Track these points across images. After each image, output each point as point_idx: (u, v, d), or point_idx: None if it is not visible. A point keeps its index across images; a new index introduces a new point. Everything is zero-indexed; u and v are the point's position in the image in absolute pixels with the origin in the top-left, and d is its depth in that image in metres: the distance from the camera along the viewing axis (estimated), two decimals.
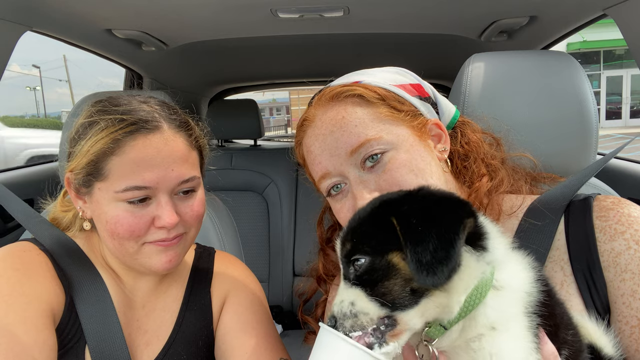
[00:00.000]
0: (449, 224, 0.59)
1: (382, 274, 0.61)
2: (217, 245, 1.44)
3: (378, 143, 0.84)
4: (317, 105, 0.93)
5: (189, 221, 0.96)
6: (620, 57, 23.02)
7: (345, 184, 0.88)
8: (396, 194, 0.70)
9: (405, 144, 0.86)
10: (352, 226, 0.69)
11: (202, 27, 1.97)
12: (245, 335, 1.01)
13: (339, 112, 0.88)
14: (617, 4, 1.44)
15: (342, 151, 0.86)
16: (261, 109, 3.17)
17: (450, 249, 0.57)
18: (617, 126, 22.97)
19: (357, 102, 0.88)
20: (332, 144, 0.86)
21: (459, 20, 1.94)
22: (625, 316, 0.77)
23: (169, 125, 0.93)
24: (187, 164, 0.94)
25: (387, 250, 0.61)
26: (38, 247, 0.94)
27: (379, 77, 0.93)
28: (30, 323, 0.81)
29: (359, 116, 0.86)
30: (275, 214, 2.83)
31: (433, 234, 0.58)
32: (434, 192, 0.68)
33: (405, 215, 0.61)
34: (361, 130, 0.85)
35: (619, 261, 0.78)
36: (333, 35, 2.15)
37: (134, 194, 0.88)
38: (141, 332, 0.99)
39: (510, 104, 1.12)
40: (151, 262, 0.92)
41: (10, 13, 1.46)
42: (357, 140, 0.84)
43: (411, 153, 0.85)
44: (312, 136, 0.91)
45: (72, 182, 0.94)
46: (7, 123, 9.12)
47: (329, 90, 0.92)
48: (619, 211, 0.82)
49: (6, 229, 1.95)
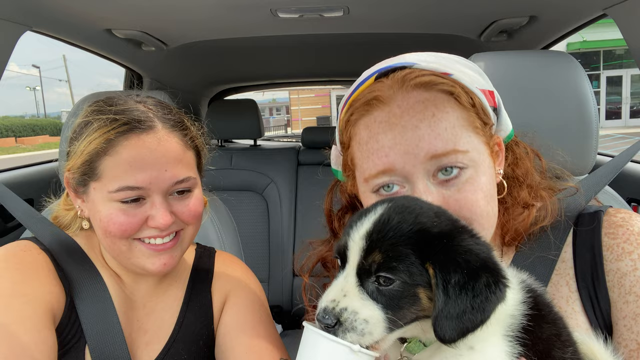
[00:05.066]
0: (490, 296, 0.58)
1: (408, 302, 0.60)
2: (217, 245, 1.44)
3: (463, 157, 0.74)
4: (396, 86, 0.77)
5: (185, 219, 0.95)
6: (620, 57, 23.02)
7: (404, 187, 0.77)
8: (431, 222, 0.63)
9: (484, 164, 0.77)
10: (387, 236, 0.62)
11: (202, 27, 1.97)
12: (245, 335, 1.01)
13: (428, 106, 0.74)
14: (617, 4, 1.44)
15: (422, 152, 0.73)
16: (261, 109, 3.18)
17: (478, 316, 0.57)
18: (617, 126, 22.98)
19: (447, 99, 0.75)
20: (413, 141, 0.73)
21: (459, 20, 1.94)
22: (626, 339, 0.76)
23: (163, 125, 0.93)
24: (182, 165, 0.94)
25: (419, 283, 0.60)
26: (38, 247, 0.94)
27: (467, 74, 0.80)
28: (30, 323, 0.81)
29: (450, 119, 0.74)
30: (275, 214, 2.83)
31: (469, 301, 0.57)
32: (473, 248, 0.61)
33: (445, 270, 0.59)
34: (450, 137, 0.73)
35: (624, 282, 0.77)
36: (333, 35, 2.15)
37: (127, 194, 0.88)
38: (141, 332, 0.99)
39: (510, 103, 1.11)
40: (145, 264, 0.92)
41: (10, 13, 1.46)
42: (444, 147, 0.72)
43: (487, 176, 0.77)
44: (385, 122, 0.76)
45: (70, 182, 0.95)
46: (6, 123, 9.13)
47: (416, 73, 0.76)
48: (629, 229, 0.80)
49: (6, 228, 1.95)
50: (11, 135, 33.89)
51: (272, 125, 38.62)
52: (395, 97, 0.76)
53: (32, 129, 36.78)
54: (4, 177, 2.04)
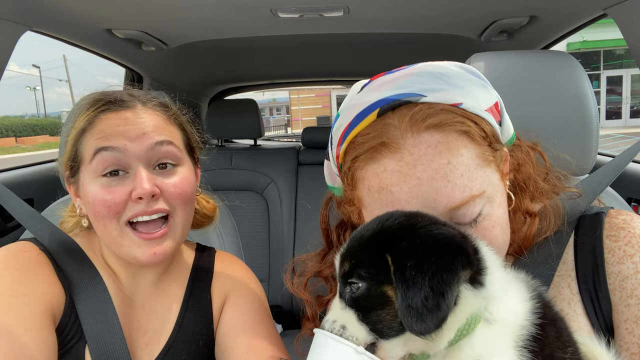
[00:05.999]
0: (444, 275, 0.57)
1: (376, 302, 0.61)
2: (217, 245, 1.44)
3: (481, 200, 0.70)
4: (405, 127, 0.70)
5: (172, 199, 0.93)
6: (620, 57, 23.02)
7: None
8: (397, 222, 0.64)
9: (499, 195, 0.74)
10: (353, 246, 0.66)
11: (202, 27, 1.97)
12: (245, 335, 1.01)
13: (443, 153, 0.68)
14: (617, 4, 1.44)
15: (439, 205, 0.69)
16: (261, 109, 3.18)
17: (441, 300, 0.56)
18: (617, 126, 22.98)
19: (459, 138, 0.70)
20: (430, 195, 0.69)
21: (459, 20, 1.94)
22: (627, 342, 0.75)
23: (144, 105, 0.96)
24: (162, 131, 0.93)
25: (383, 281, 0.61)
26: (38, 247, 0.94)
27: (474, 95, 0.74)
28: (30, 323, 0.81)
29: (465, 162, 0.69)
30: (275, 214, 2.83)
31: (426, 283, 0.56)
32: (436, 233, 0.62)
33: (402, 256, 0.60)
34: (466, 183, 0.69)
35: (626, 285, 0.76)
36: (333, 35, 2.15)
37: (104, 159, 0.88)
38: (141, 332, 0.99)
39: (510, 104, 1.11)
40: (136, 253, 0.91)
41: (10, 13, 1.46)
42: (461, 197, 0.69)
43: (502, 207, 0.75)
44: (397, 173, 0.70)
45: (67, 177, 0.97)
46: (6, 123, 9.13)
47: (427, 112, 0.70)
48: (630, 231, 0.79)
49: (6, 228, 1.95)
50: (11, 135, 33.92)
51: (272, 125, 38.61)
52: (406, 144, 0.70)
53: (32, 129, 36.80)
54: (4, 177, 2.04)
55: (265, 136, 3.63)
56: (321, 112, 37.79)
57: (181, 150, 0.98)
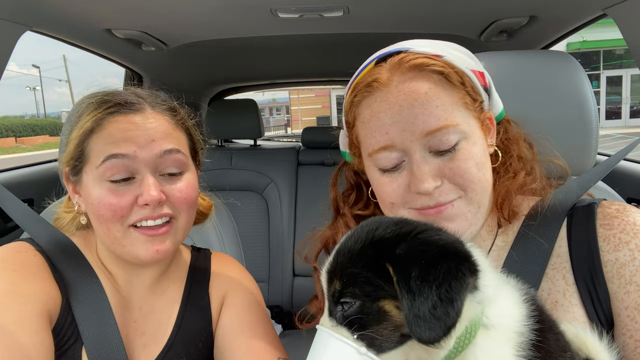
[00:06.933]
0: (452, 283, 0.56)
1: (372, 319, 0.60)
2: (217, 245, 1.44)
3: (454, 131, 0.81)
4: (393, 69, 0.85)
5: (177, 203, 0.93)
6: (620, 57, 23.02)
7: (404, 160, 0.85)
8: (390, 230, 0.64)
9: (475, 135, 0.84)
10: (342, 262, 0.64)
11: (202, 27, 1.97)
12: (243, 336, 1.01)
13: (422, 86, 0.82)
14: (617, 4, 1.44)
15: (417, 129, 0.81)
16: (261, 109, 3.18)
17: (449, 308, 0.55)
18: (617, 126, 22.98)
19: (439, 80, 0.83)
20: (409, 119, 0.81)
21: (459, 20, 1.94)
22: (630, 329, 0.75)
23: (152, 108, 0.95)
24: (171, 138, 0.94)
25: (380, 296, 0.59)
26: (34, 248, 0.94)
27: (457, 56, 0.87)
28: (27, 324, 0.80)
29: (441, 97, 0.82)
30: (275, 214, 2.83)
31: (433, 291, 0.55)
32: (436, 239, 0.62)
33: (404, 265, 0.58)
34: (442, 114, 0.81)
35: (624, 272, 0.76)
36: (333, 35, 2.15)
37: (114, 166, 0.88)
38: (138, 333, 0.98)
39: (510, 103, 1.12)
40: (138, 250, 0.91)
41: (10, 13, 1.46)
42: (437, 123, 0.80)
43: (478, 146, 0.84)
44: (384, 102, 0.84)
45: (67, 175, 0.96)
46: (6, 123, 9.13)
47: (411, 57, 0.84)
48: (624, 219, 0.80)
49: (6, 228, 1.94)
50: (11, 135, 33.89)
51: (272, 125, 38.63)
52: (393, 79, 0.84)
53: (32, 129, 36.78)
54: (4, 177, 2.04)
55: (265, 136, 3.62)
56: (321, 112, 37.78)
57: (187, 156, 0.98)
